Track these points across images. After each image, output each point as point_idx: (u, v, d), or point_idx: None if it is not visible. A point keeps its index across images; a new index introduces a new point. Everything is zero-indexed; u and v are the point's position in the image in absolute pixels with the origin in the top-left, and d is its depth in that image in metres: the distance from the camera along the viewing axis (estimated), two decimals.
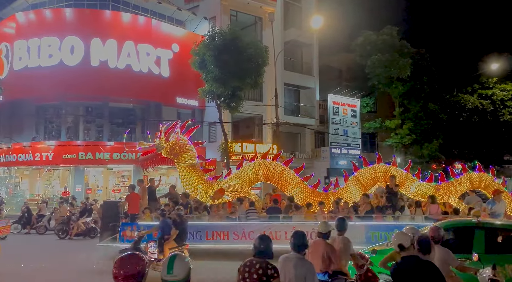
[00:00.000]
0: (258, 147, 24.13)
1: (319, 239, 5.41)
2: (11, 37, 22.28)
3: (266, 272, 3.80)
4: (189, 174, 11.78)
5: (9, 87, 21.64)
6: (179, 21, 26.48)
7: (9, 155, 21.34)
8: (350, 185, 12.48)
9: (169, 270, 2.79)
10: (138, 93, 22.16)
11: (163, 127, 12.07)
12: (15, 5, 23.96)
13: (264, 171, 12.41)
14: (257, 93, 25.18)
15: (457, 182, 12.48)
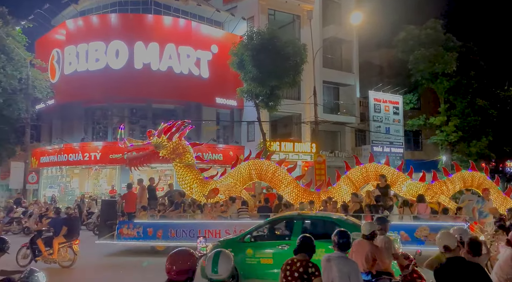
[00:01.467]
0: (296, 146, 24.03)
1: (362, 239, 5.35)
2: (62, 43, 23.60)
3: (307, 270, 3.82)
4: (186, 173, 12.00)
5: (60, 91, 22.95)
6: (217, 22, 26.89)
7: (60, 155, 22.60)
8: (341, 184, 12.47)
9: (213, 268, 2.84)
10: (179, 94, 22.75)
11: (161, 126, 12.09)
12: (65, 13, 25.33)
13: (257, 171, 12.54)
14: (296, 92, 25.05)
15: (449, 181, 12.35)
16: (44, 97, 22.22)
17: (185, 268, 2.80)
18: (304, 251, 4.01)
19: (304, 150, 24.18)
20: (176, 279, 2.80)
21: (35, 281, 5.05)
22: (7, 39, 19.78)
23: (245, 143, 25.00)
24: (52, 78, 23.54)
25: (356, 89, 28.17)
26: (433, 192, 11.97)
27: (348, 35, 27.19)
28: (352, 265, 4.14)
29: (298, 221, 7.84)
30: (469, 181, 12.47)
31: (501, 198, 12.12)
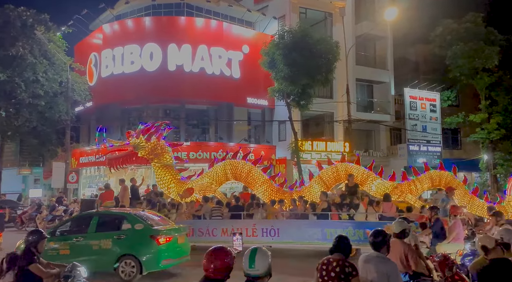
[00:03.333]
0: (329, 145, 23.72)
1: (395, 239, 5.18)
2: (99, 47, 24.44)
3: (344, 270, 3.74)
4: (164, 173, 12.16)
5: (98, 93, 23.77)
6: (249, 22, 26.97)
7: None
8: (313, 184, 12.60)
9: (250, 264, 2.85)
10: (211, 94, 23.00)
11: (140, 127, 12.23)
12: (102, 17, 26.22)
13: (232, 170, 12.72)
14: (328, 90, 24.73)
15: (417, 180, 12.57)
16: (83, 100, 23.07)
17: (223, 266, 2.84)
18: (340, 251, 3.92)
19: (337, 149, 23.79)
20: (213, 277, 2.84)
21: (77, 275, 5.24)
22: (49, 45, 20.68)
23: (277, 143, 24.94)
24: (90, 81, 24.41)
25: (390, 86, 27.45)
26: (399, 191, 12.17)
27: (382, 32, 26.55)
28: (391, 265, 4.00)
29: (95, 217, 8.88)
30: (436, 181, 12.58)
31: (468, 197, 12.30)
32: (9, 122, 20.76)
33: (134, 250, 8.18)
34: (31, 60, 19.53)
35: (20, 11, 19.85)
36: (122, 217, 8.74)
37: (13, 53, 18.93)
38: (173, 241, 8.50)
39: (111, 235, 8.34)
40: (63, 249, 8.54)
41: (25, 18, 19.84)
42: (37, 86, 20.03)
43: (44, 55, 20.62)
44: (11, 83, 19.32)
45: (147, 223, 8.49)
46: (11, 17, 19.59)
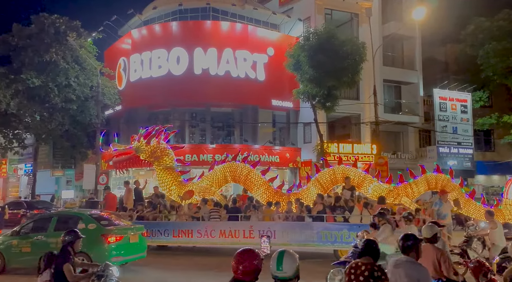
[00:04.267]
0: (355, 147, 23.39)
1: (427, 244, 5.03)
2: (128, 52, 25.07)
3: (373, 274, 3.67)
4: (165, 176, 12.49)
5: (127, 97, 24.38)
6: (273, 25, 27.01)
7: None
8: (310, 187, 12.70)
9: (278, 266, 2.86)
10: (236, 97, 23.15)
11: (142, 131, 12.56)
12: (131, 23, 26.90)
13: (231, 173, 12.89)
14: (354, 92, 24.40)
15: (414, 183, 12.58)
16: (112, 103, 23.70)
17: (252, 268, 2.85)
18: (369, 254, 3.86)
19: (364, 152, 23.44)
20: (242, 278, 2.86)
21: (110, 274, 5.40)
22: (80, 50, 21.39)
23: (302, 145, 24.80)
24: (119, 85, 25.05)
25: (419, 87, 26.80)
26: (395, 194, 12.22)
27: (410, 31, 25.97)
28: (422, 271, 3.90)
29: (54, 217, 9.76)
30: (433, 183, 12.56)
31: (464, 200, 12.24)
32: (43, 125, 21.56)
33: (86, 248, 8.52)
34: (64, 66, 20.24)
35: (53, 18, 20.63)
36: (78, 218, 9.42)
37: (47, 59, 19.67)
38: (124, 240, 9.12)
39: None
40: (25, 247, 9.29)
41: (58, 25, 20.59)
42: (69, 90, 20.73)
43: (76, 60, 21.33)
44: (45, 88, 20.08)
45: (100, 224, 9.18)
46: (46, 25, 20.38)
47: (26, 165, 29.57)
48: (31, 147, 25.42)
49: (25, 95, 20.28)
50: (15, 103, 19.76)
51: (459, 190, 12.44)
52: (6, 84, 19.41)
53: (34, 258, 8.58)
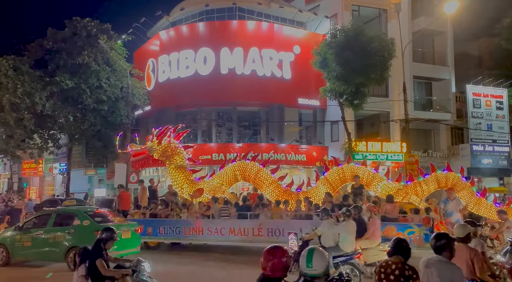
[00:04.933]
0: (385, 146, 22.92)
1: (460, 243, 4.87)
2: (156, 53, 25.57)
3: (404, 273, 3.59)
4: (177, 174, 12.78)
5: (155, 98, 24.88)
6: (300, 23, 26.84)
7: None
8: (319, 185, 12.70)
9: (308, 264, 2.86)
10: (262, 96, 23.17)
11: (155, 131, 12.89)
12: (159, 25, 27.43)
13: (241, 172, 13.00)
14: (383, 89, 23.93)
15: (424, 182, 12.45)
16: (142, 104, 24.25)
17: (280, 265, 2.87)
18: (399, 253, 3.77)
19: (394, 150, 22.94)
20: (271, 275, 2.88)
21: (142, 269, 5.54)
22: (111, 52, 21.98)
23: (329, 144, 24.55)
24: (148, 86, 25.60)
25: (451, 83, 25.97)
26: (404, 192, 12.15)
27: (441, 26, 25.19)
28: (455, 271, 3.76)
29: (53, 214, 10.25)
30: (443, 182, 12.38)
31: (475, 199, 12.10)
32: (76, 126, 22.30)
33: (80, 243, 9.02)
34: (95, 68, 20.86)
35: (85, 22, 21.31)
36: (74, 215, 10.02)
37: (79, 61, 20.35)
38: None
39: (63, 230, 9.73)
40: (26, 241, 9.96)
41: (89, 29, 21.27)
42: (100, 92, 21.35)
43: (106, 62, 21.95)
44: (78, 89, 20.77)
45: (94, 220, 9.77)
46: (78, 28, 21.08)
47: (60, 164, 30.69)
48: (65, 147, 26.32)
49: (59, 96, 21.05)
50: (50, 104, 20.53)
51: (469, 189, 12.23)
52: (42, 87, 20.20)
53: (35, 252, 9.90)
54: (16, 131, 20.47)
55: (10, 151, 22.49)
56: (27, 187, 34.65)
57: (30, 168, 33.35)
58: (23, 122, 20.16)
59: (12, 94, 19.13)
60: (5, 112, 19.43)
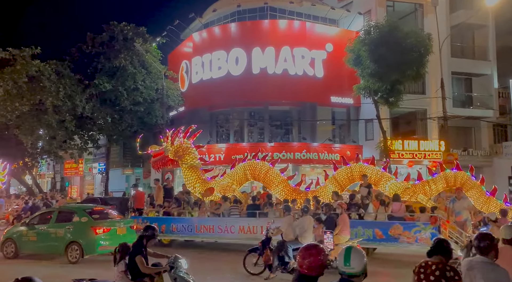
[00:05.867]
0: (422, 144, 22.24)
1: (505, 245, 4.63)
2: (189, 55, 26.03)
3: (444, 274, 3.46)
4: (190, 173, 13.15)
5: (189, 98, 25.33)
6: (332, 20, 26.52)
7: None
8: (328, 184, 12.80)
9: (345, 262, 2.83)
10: (294, 95, 23.06)
11: (169, 133, 13.38)
12: (192, 27, 27.90)
13: (251, 171, 13.23)
14: (419, 86, 23.20)
15: (432, 181, 12.46)
16: (176, 105, 24.74)
17: (317, 263, 2.88)
18: (440, 253, 3.63)
19: (432, 149, 22.21)
20: (308, 273, 2.89)
21: (179, 266, 5.66)
22: (146, 55, 22.58)
23: (363, 142, 24.08)
24: (182, 87, 26.09)
25: (493, 79, 24.80)
26: (411, 191, 12.17)
27: (482, 20, 24.09)
28: (501, 272, 3.58)
29: (56, 211, 11.23)
30: (452, 181, 12.36)
31: (484, 198, 12.02)
32: (114, 127, 23.07)
33: (78, 237, 10.22)
34: (132, 70, 21.49)
35: (122, 26, 21.99)
36: (74, 212, 10.84)
37: (116, 64, 21.04)
38: (111, 232, 10.42)
39: (64, 226, 10.53)
40: (32, 236, 10.78)
41: (126, 32, 21.93)
42: (137, 93, 21.98)
43: (142, 65, 22.56)
44: (115, 92, 21.48)
45: (91, 217, 10.53)
46: (115, 32, 21.80)
47: (99, 164, 31.89)
48: (103, 148, 27.30)
49: (98, 99, 21.85)
50: (90, 106, 21.34)
51: (479, 188, 12.20)
52: (82, 89, 21.04)
53: (40, 246, 10.78)
54: (58, 132, 21.40)
55: (53, 151, 23.57)
56: (69, 186, 36.25)
57: (71, 168, 34.88)
58: (64, 124, 21.04)
59: (55, 97, 20.01)
60: (48, 114, 20.36)
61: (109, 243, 10.25)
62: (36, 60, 19.97)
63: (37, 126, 21.41)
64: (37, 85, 20.10)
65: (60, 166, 35.69)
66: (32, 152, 26.24)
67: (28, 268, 9.64)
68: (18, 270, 9.30)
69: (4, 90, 19.63)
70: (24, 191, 30.75)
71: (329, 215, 9.42)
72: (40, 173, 39.13)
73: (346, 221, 9.27)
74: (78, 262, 10.02)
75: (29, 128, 21.02)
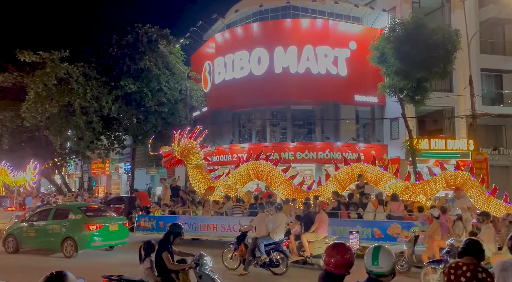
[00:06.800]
0: (449, 143, 21.66)
1: None
2: (212, 56, 26.25)
3: (476, 275, 3.36)
4: (195, 173, 13.60)
5: (212, 99, 25.53)
6: (356, 18, 26.17)
7: (213, 156, 25.08)
8: (329, 184, 12.97)
9: (373, 261, 2.83)
10: (316, 94, 22.89)
11: (176, 134, 13.83)
12: (214, 27, 28.11)
13: (254, 171, 13.48)
14: (447, 83, 22.61)
15: (432, 181, 12.45)
16: (199, 105, 24.98)
17: (344, 262, 2.88)
18: (471, 254, 3.53)
19: (460, 148, 21.59)
20: (335, 271, 2.90)
21: (204, 263, 5.72)
22: (170, 57, 22.89)
23: (388, 142, 23.65)
24: (205, 88, 26.32)
25: None
26: (411, 191, 12.20)
27: None
28: None
29: (53, 209, 11.94)
30: (451, 181, 12.33)
31: (484, 197, 12.00)
32: (139, 127, 23.49)
33: (73, 233, 10.96)
34: (156, 72, 21.83)
35: (146, 28, 22.37)
36: (69, 210, 11.62)
37: (141, 66, 21.40)
38: (104, 228, 11.14)
39: (60, 223, 11.29)
40: (31, 232, 11.54)
41: (150, 34, 22.28)
42: (161, 94, 22.31)
43: (166, 66, 22.88)
44: (140, 93, 21.86)
45: (85, 215, 11.28)
46: (140, 35, 22.20)
47: (125, 164, 32.59)
48: (129, 148, 27.86)
49: (124, 100, 22.28)
50: (116, 107, 21.81)
51: (479, 187, 12.20)
52: (108, 91, 21.51)
53: (38, 241, 11.54)
54: (86, 133, 21.96)
55: (81, 151, 24.24)
56: (96, 185, 37.22)
57: (98, 168, 35.80)
58: (92, 125, 21.58)
59: (82, 98, 20.55)
60: (76, 115, 20.93)
61: (102, 239, 11.16)
62: (65, 63, 20.56)
63: (66, 127, 22.04)
64: (66, 87, 20.70)
65: (88, 166, 36.69)
66: (61, 152, 27.11)
67: (30, 260, 10.57)
68: (22, 263, 10.25)
69: (35, 92, 20.32)
70: (54, 190, 31.77)
71: (307, 213, 9.85)
72: (68, 173, 40.34)
73: (323, 219, 9.58)
74: (73, 257, 10.87)
75: (58, 129, 21.66)
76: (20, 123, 23.14)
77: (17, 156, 26.09)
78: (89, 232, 10.92)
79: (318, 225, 9.40)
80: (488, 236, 7.47)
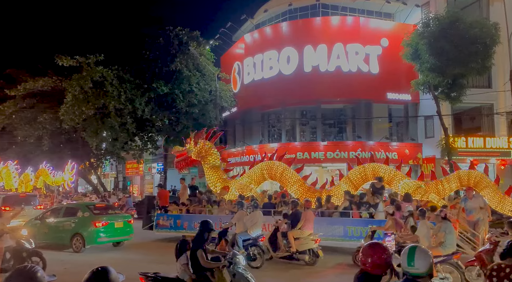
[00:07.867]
0: (488, 142, 20.77)
1: None
2: (241, 56, 26.39)
3: None
4: (211, 173, 13.82)
5: (241, 99, 25.68)
6: (387, 14, 25.60)
7: (243, 156, 25.23)
8: (342, 184, 13.02)
9: (409, 262, 2.77)
10: (347, 92, 22.56)
11: (192, 134, 14.06)
12: (244, 28, 28.26)
13: (268, 171, 13.60)
14: (485, 79, 21.67)
15: (445, 180, 12.37)
16: (229, 106, 25.17)
17: (381, 262, 2.85)
18: None
19: (500, 146, 20.67)
20: (371, 271, 2.87)
21: (237, 262, 5.79)
22: (200, 58, 23.21)
23: (423, 140, 22.98)
24: (235, 88, 26.51)
25: None
26: (423, 191, 12.12)
27: None
28: None
29: (64, 207, 12.92)
30: (465, 180, 12.19)
31: (499, 197, 11.88)
32: (171, 128, 23.97)
33: (81, 230, 11.75)
34: (187, 73, 22.19)
35: (177, 31, 22.77)
36: (78, 208, 12.47)
37: (173, 68, 21.82)
38: (109, 225, 11.92)
39: (69, 220, 12.16)
40: (44, 229, 12.34)
41: (181, 37, 22.68)
42: (192, 96, 22.66)
43: (196, 68, 23.22)
44: (172, 95, 22.30)
45: (92, 212, 12.07)
46: (171, 37, 22.64)
47: (158, 164, 33.31)
48: (162, 148, 28.48)
49: (156, 102, 22.80)
50: (149, 109, 22.35)
51: (493, 187, 12.03)
52: (141, 93, 22.08)
53: (50, 237, 12.33)
54: (120, 134, 22.64)
55: (116, 152, 25.02)
56: (130, 185, 38.28)
57: (132, 168, 36.80)
58: (126, 126, 22.22)
59: (117, 101, 21.21)
60: (111, 117, 21.62)
61: (107, 235, 11.90)
62: (100, 66, 21.28)
63: (101, 128, 22.81)
64: (101, 90, 21.43)
65: (122, 166, 37.80)
66: (97, 153, 28.04)
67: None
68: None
69: (72, 96, 21.16)
70: (90, 190, 32.94)
71: (294, 212, 10.24)
72: (104, 173, 41.71)
73: (309, 217, 9.98)
74: (81, 251, 11.65)
75: (94, 131, 22.45)
76: (58, 125, 24.16)
77: (56, 157, 27.26)
78: (95, 229, 11.72)
79: (304, 222, 9.82)
80: (423, 231, 8.07)
